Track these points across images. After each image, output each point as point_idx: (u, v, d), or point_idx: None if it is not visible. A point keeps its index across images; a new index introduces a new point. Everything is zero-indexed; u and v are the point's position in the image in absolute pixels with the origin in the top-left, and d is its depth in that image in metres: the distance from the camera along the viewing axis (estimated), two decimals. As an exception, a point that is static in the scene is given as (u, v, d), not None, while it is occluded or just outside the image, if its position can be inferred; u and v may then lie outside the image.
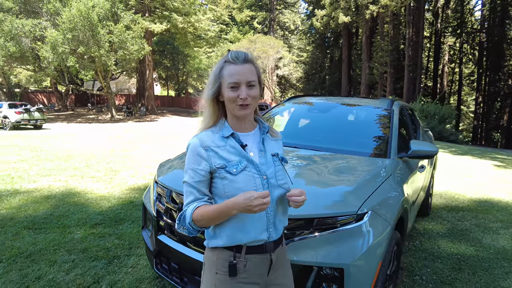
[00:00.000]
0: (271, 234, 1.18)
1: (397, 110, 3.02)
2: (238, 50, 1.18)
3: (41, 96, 34.37)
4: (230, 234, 1.16)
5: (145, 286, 2.45)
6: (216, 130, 1.19)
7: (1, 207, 4.15)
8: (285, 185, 1.20)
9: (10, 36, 18.55)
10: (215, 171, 1.15)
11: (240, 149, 1.17)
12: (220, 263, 1.18)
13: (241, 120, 1.21)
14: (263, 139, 1.24)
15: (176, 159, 2.59)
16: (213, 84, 1.17)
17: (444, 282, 2.84)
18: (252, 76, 1.15)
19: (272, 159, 1.21)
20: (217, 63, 1.19)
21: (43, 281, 2.47)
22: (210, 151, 1.15)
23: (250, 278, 1.18)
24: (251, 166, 1.16)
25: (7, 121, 15.88)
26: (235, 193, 1.11)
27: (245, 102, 1.13)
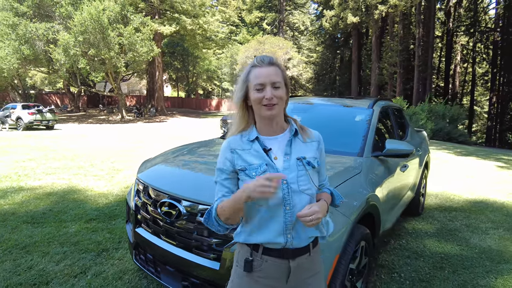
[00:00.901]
0: (289, 240, 1.18)
1: (378, 110, 3.08)
2: (263, 55, 1.24)
3: (54, 98, 35.29)
4: (249, 232, 1.21)
5: (128, 276, 2.59)
6: (245, 135, 1.24)
7: (5, 202, 4.37)
8: (308, 191, 1.19)
9: (25, 39, 19.16)
10: (237, 172, 1.20)
11: (262, 153, 1.19)
12: (240, 256, 1.25)
13: (269, 122, 1.22)
14: (290, 141, 1.23)
15: (157, 157, 2.72)
16: (241, 88, 1.22)
17: (422, 279, 2.89)
18: (277, 77, 1.18)
19: (296, 163, 1.20)
20: (243, 68, 1.27)
21: (33, 271, 2.64)
22: (235, 153, 1.20)
23: (266, 278, 1.20)
24: (271, 170, 1.17)
25: (20, 122, 16.41)
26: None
27: (271, 102, 1.16)
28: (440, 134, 17.39)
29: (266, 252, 1.19)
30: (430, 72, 30.34)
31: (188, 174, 2.26)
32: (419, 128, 17.15)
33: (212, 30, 29.18)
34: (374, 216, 2.36)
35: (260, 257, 1.20)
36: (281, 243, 1.17)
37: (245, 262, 1.21)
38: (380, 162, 2.68)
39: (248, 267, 1.20)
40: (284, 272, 1.20)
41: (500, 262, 3.22)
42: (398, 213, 3.43)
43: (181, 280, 1.96)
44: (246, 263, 1.20)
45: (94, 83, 29.69)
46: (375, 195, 2.30)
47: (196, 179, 2.15)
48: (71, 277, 2.56)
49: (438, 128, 17.42)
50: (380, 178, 2.60)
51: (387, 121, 3.45)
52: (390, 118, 3.47)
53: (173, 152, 2.71)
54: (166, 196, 2.01)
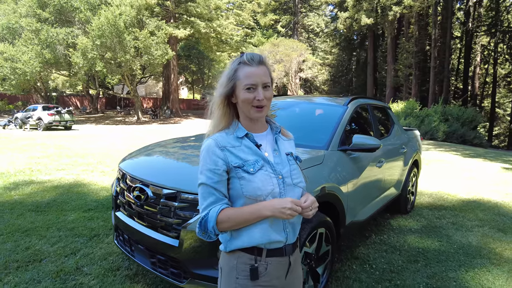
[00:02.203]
0: (288, 235, 1.19)
1: (353, 107, 3.22)
2: (252, 52, 1.20)
3: (74, 100, 36.65)
4: (250, 235, 1.14)
5: (112, 258, 2.84)
6: (230, 132, 1.20)
7: (15, 193, 4.74)
8: (300, 184, 1.21)
9: (46, 44, 20.11)
10: (231, 170, 1.14)
11: (255, 149, 1.18)
12: (240, 267, 1.16)
13: (254, 121, 1.22)
14: (276, 139, 1.25)
15: (139, 149, 2.97)
16: (226, 84, 1.17)
17: (393, 271, 2.99)
18: (267, 78, 1.17)
19: (287, 158, 1.22)
20: (230, 64, 1.20)
21: (30, 250, 2.94)
22: (226, 151, 1.15)
23: (270, 281, 1.17)
24: (267, 165, 1.16)
25: (41, 122, 17.22)
26: (253, 192, 1.12)
27: (261, 103, 1.15)
28: (453, 137, 17.09)
29: (270, 254, 1.16)
30: (447, 74, 29.69)
31: (158, 163, 2.49)
32: (431, 130, 16.93)
33: (227, 33, 29.58)
34: (335, 206, 2.50)
35: (265, 260, 1.15)
36: (281, 240, 1.17)
37: (250, 271, 1.14)
38: (348, 156, 2.82)
39: (254, 275, 1.14)
40: (285, 269, 1.21)
41: (475, 257, 3.29)
42: (377, 207, 3.53)
43: (149, 257, 2.18)
44: (252, 271, 1.14)
45: (112, 86, 30.68)
46: (334, 186, 2.45)
47: (163, 167, 2.38)
48: (62, 256, 2.84)
49: (452, 131, 17.12)
50: (347, 170, 2.74)
51: (365, 118, 3.58)
52: (369, 116, 3.60)
53: (153, 145, 2.96)
54: (138, 182, 2.25)
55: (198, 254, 1.95)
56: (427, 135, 17.08)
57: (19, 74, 20.64)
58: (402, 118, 18.63)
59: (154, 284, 2.48)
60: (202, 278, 1.94)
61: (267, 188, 1.13)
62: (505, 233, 3.93)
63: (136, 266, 2.72)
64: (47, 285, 2.42)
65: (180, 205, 2.00)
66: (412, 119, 18.10)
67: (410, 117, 18.43)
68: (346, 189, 2.66)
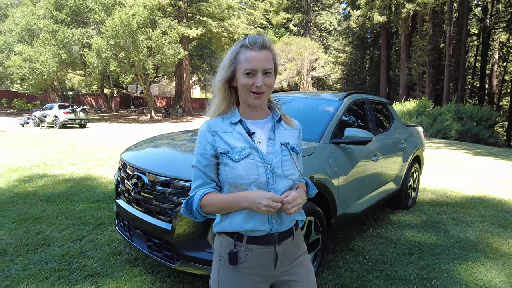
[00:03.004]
0: (274, 225, 1.14)
1: (348, 102, 3.29)
2: (257, 35, 1.14)
3: (90, 99, 37.55)
4: (231, 220, 1.14)
5: (115, 244, 3.00)
6: (226, 117, 1.18)
7: (29, 185, 5.00)
8: (291, 176, 1.16)
9: (63, 44, 20.73)
10: (219, 156, 1.13)
11: (246, 136, 1.14)
12: (223, 250, 1.17)
13: (253, 108, 1.18)
14: (274, 127, 1.20)
15: (141, 141, 3.12)
16: (228, 68, 1.14)
17: (386, 262, 3.05)
18: (269, 64, 1.11)
19: (281, 148, 1.16)
20: (233, 47, 1.16)
21: (40, 236, 3.13)
22: (216, 136, 1.14)
23: (253, 268, 1.14)
24: (255, 153, 1.12)
25: (57, 120, 17.79)
26: (236, 180, 1.11)
27: (260, 90, 1.10)
28: (467, 135, 16.77)
29: (251, 240, 1.13)
30: (463, 72, 29.08)
31: (154, 153, 2.64)
32: (444, 129, 16.64)
33: (239, 32, 29.75)
34: (326, 196, 2.59)
35: (245, 247, 1.13)
36: (264, 230, 1.13)
37: (229, 254, 1.14)
38: (341, 149, 2.90)
39: (233, 260, 1.13)
40: (272, 258, 1.16)
41: (471, 251, 3.31)
42: (373, 201, 3.58)
43: (146, 241, 2.32)
44: (230, 255, 1.13)
45: (126, 85, 31.31)
46: (324, 176, 2.53)
47: (159, 156, 2.53)
48: (68, 241, 3.03)
49: (465, 129, 16.80)
50: (339, 162, 2.82)
51: (361, 113, 3.63)
52: (366, 110, 3.65)
53: (151, 138, 3.12)
54: (136, 170, 2.39)
55: (189, 237, 2.07)
56: (440, 134, 16.81)
57: (37, 74, 21.34)
58: (414, 116, 18.38)
59: (151, 268, 2.62)
60: (193, 260, 2.07)
61: (250, 177, 1.10)
62: (505, 229, 3.92)
63: (136, 252, 2.88)
64: (53, 266, 2.59)
65: (173, 191, 2.13)
66: (424, 117, 17.84)
67: (422, 115, 18.16)
68: (337, 180, 2.74)
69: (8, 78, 27.65)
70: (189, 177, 2.09)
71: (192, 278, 2.50)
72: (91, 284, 2.37)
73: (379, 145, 3.56)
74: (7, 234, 3.19)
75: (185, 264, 2.10)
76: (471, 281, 2.74)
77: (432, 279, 2.74)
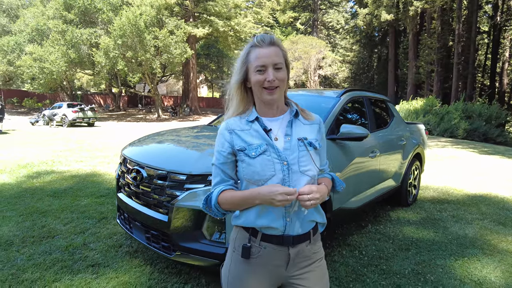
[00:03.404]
0: (288, 224, 1.14)
1: (345, 99, 3.33)
2: (263, 34, 1.18)
3: (98, 98, 38.04)
4: (247, 216, 1.16)
5: (117, 237, 3.10)
6: (244, 116, 1.20)
7: (37, 181, 5.14)
8: (308, 172, 1.14)
9: (71, 44, 21.05)
10: (236, 153, 1.16)
11: (262, 133, 1.15)
12: (237, 242, 1.20)
13: (269, 106, 1.19)
14: (291, 122, 1.19)
15: (142, 137, 3.21)
16: (240, 69, 1.17)
17: (382, 257, 3.09)
18: (279, 58, 1.13)
19: (297, 143, 1.16)
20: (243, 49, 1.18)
21: (46, 228, 3.25)
22: (234, 134, 1.16)
23: (264, 265, 1.16)
24: (271, 150, 1.13)
25: (65, 119, 18.09)
26: (252, 176, 1.12)
27: (273, 84, 1.11)
28: (475, 134, 16.57)
29: (265, 238, 1.15)
30: (472, 70, 28.66)
31: (153, 148, 2.71)
32: (451, 127, 16.48)
33: (246, 31, 29.80)
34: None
35: (259, 243, 1.15)
36: (279, 228, 1.13)
37: (242, 248, 1.16)
38: (337, 145, 2.94)
39: (246, 254, 1.15)
40: (284, 259, 1.16)
41: (468, 248, 3.32)
42: (372, 197, 3.61)
43: (144, 232, 2.40)
44: (244, 249, 1.16)
45: (134, 84, 31.65)
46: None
47: (157, 151, 2.61)
48: (72, 234, 3.13)
49: (473, 128, 16.60)
50: (334, 158, 2.86)
51: (360, 109, 3.67)
52: (365, 108, 3.68)
53: (152, 134, 3.21)
54: (135, 165, 2.47)
55: (184, 228, 2.15)
56: (447, 132, 16.64)
57: (46, 73, 21.72)
58: (421, 115, 18.22)
59: (151, 260, 2.71)
60: (188, 251, 2.14)
61: (266, 174, 1.10)
62: (505, 226, 3.91)
63: (136, 244, 2.96)
64: (57, 257, 2.70)
65: (170, 184, 2.21)
66: (431, 116, 17.68)
67: (429, 114, 17.99)
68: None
69: (19, 78, 28.18)
70: (185, 170, 2.18)
71: (189, 269, 2.58)
72: (92, 274, 2.47)
73: (377, 142, 3.59)
74: (14, 226, 3.31)
75: (180, 255, 2.18)
76: (466, 276, 2.77)
77: (427, 274, 2.77)
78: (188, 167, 2.19)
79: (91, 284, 2.33)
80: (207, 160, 2.25)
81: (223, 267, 1.24)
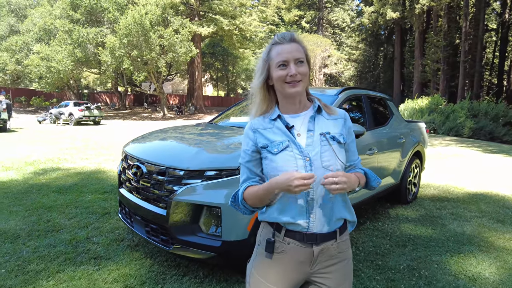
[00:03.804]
0: (312, 221, 1.13)
1: (343, 97, 3.38)
2: (284, 32, 1.21)
3: (104, 96, 38.38)
4: (270, 212, 1.18)
5: (119, 231, 3.19)
6: (267, 115, 1.22)
7: (43, 178, 5.27)
8: (331, 167, 1.13)
9: (78, 43, 21.30)
10: (260, 151, 1.18)
11: (284, 129, 1.16)
12: (262, 236, 1.22)
13: (292, 101, 1.19)
14: (313, 118, 1.19)
15: (144, 134, 3.29)
16: (263, 67, 1.19)
17: (378, 253, 3.13)
18: (300, 53, 1.14)
19: (320, 138, 1.15)
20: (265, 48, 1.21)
21: (51, 223, 3.36)
22: (257, 133, 1.19)
23: (288, 261, 1.16)
24: (293, 146, 1.13)
25: (72, 117, 18.33)
26: (274, 172, 1.12)
27: (295, 78, 1.12)
28: (481, 133, 16.45)
29: (288, 234, 1.15)
30: (479, 68, 28.39)
31: (153, 145, 2.80)
32: (456, 126, 16.36)
33: (251, 30, 29.83)
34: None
35: (282, 239, 1.15)
36: (302, 224, 1.13)
37: (267, 242, 1.18)
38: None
39: (269, 248, 1.17)
40: (308, 257, 1.15)
41: (465, 244, 3.35)
42: (369, 194, 3.65)
43: (144, 226, 2.48)
44: (267, 243, 1.17)
45: (140, 83, 31.89)
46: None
47: (157, 148, 2.69)
48: (76, 228, 3.24)
49: (479, 127, 16.47)
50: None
51: (358, 108, 3.71)
52: (363, 106, 3.72)
53: (153, 132, 3.29)
54: (136, 161, 2.55)
55: (182, 222, 2.22)
56: (452, 131, 16.54)
57: (53, 72, 22.01)
58: (426, 114, 18.12)
59: (151, 253, 2.79)
60: (185, 244, 2.22)
61: (289, 170, 1.10)
62: (503, 224, 3.93)
63: (137, 239, 3.05)
64: (61, 249, 2.80)
65: (168, 179, 2.28)
66: (436, 115, 17.57)
67: (434, 113, 17.89)
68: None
69: (27, 77, 28.58)
70: (183, 166, 2.25)
71: (188, 263, 2.65)
72: (94, 266, 2.56)
73: (375, 139, 3.63)
74: (21, 220, 3.42)
75: (178, 248, 2.25)
76: (460, 272, 2.80)
77: (421, 269, 2.81)
78: (186, 163, 2.26)
79: (93, 276, 2.42)
80: (204, 156, 2.32)
81: (250, 261, 1.26)
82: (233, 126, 3.35)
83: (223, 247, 2.13)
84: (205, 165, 2.21)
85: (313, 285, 1.19)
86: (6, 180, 5.06)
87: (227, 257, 2.20)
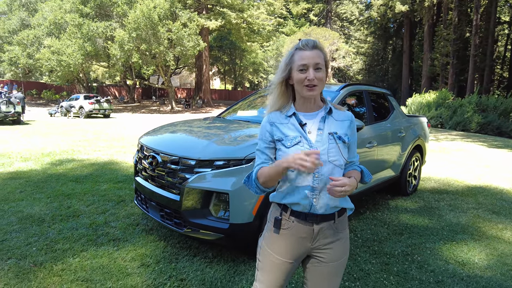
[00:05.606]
0: (314, 204, 1.29)
1: (345, 93, 3.56)
2: (308, 38, 1.35)
3: (113, 90, 38.86)
4: (281, 194, 1.35)
5: (134, 217, 3.46)
6: (284, 112, 1.37)
7: (60, 168, 5.57)
8: (336, 162, 1.30)
9: (87, 37, 21.62)
10: (276, 142, 1.34)
11: (298, 126, 1.31)
12: (272, 215, 1.41)
13: (307, 101, 1.34)
14: (324, 118, 1.34)
15: (158, 127, 3.53)
16: (285, 68, 1.33)
17: (375, 240, 3.34)
18: (320, 60, 1.27)
19: (328, 137, 1.31)
20: (288, 51, 1.36)
21: (71, 209, 3.64)
22: (274, 126, 1.34)
23: (292, 236, 1.34)
24: (304, 142, 1.28)
25: (82, 111, 18.73)
26: None
27: (312, 82, 1.26)
28: (488, 128, 16.38)
29: (293, 213, 1.32)
30: (489, 62, 28.00)
31: (167, 136, 3.03)
32: (464, 121, 16.32)
33: (258, 23, 29.82)
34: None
35: (288, 217, 1.33)
36: (304, 204, 1.29)
37: (275, 219, 1.36)
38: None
39: (277, 224, 1.35)
40: (309, 234, 1.33)
41: (458, 233, 3.53)
42: (369, 185, 3.85)
43: (159, 211, 2.73)
44: (276, 221, 1.36)
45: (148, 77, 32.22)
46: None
47: (170, 139, 2.93)
48: (94, 214, 3.51)
49: (487, 122, 16.40)
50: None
51: (359, 103, 3.89)
52: (364, 101, 3.90)
53: (166, 125, 3.52)
54: (151, 151, 2.79)
55: (194, 206, 2.46)
56: (459, 126, 16.51)
57: (64, 66, 22.42)
58: (433, 108, 18.08)
59: (164, 236, 3.05)
60: (197, 226, 2.46)
61: None
62: (497, 215, 4.10)
63: (152, 223, 3.31)
64: (83, 232, 3.07)
65: (181, 168, 2.52)
66: (443, 109, 17.52)
67: (441, 107, 17.84)
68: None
69: (38, 70, 29.10)
70: (194, 156, 2.48)
71: (198, 245, 2.90)
72: (113, 247, 2.82)
73: (375, 133, 3.81)
74: (44, 206, 3.71)
75: (190, 230, 2.49)
76: (451, 257, 3.00)
77: (415, 255, 3.02)
78: (197, 153, 2.49)
79: (113, 255, 2.68)
80: (214, 148, 2.55)
81: (261, 236, 1.46)
82: (240, 120, 3.56)
83: (231, 229, 2.37)
84: (215, 156, 2.44)
85: (313, 258, 1.38)
86: (27, 170, 5.37)
87: (234, 238, 2.43)
